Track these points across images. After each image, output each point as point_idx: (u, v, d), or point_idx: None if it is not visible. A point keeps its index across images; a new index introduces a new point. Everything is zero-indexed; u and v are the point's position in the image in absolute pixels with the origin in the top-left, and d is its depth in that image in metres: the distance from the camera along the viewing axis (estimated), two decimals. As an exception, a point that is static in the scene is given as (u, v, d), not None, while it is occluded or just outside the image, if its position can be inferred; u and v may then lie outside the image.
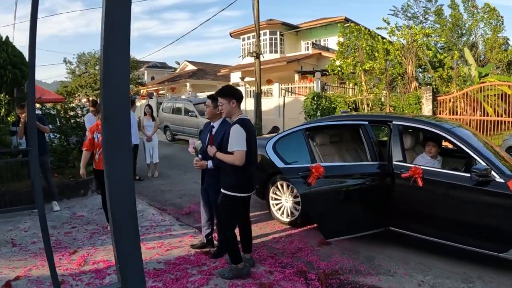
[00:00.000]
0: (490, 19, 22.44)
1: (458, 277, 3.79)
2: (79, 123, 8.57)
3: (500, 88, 12.71)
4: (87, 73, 31.67)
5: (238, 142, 3.52)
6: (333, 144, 5.62)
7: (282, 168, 4.66)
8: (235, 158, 3.53)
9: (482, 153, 4.08)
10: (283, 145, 4.86)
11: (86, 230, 5.09)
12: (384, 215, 4.49)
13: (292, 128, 5.27)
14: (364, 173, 4.59)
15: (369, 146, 4.71)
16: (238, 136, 3.54)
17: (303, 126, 5.11)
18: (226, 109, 3.73)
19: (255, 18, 13.98)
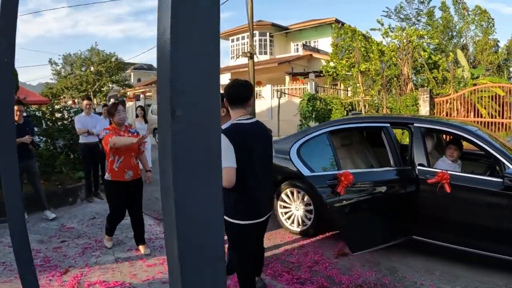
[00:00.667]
0: (481, 21, 22.58)
1: (486, 286, 3.62)
2: (66, 126, 8.03)
3: (493, 90, 12.79)
4: (73, 74, 30.93)
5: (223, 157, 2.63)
6: (344, 147, 5.27)
7: (308, 177, 4.18)
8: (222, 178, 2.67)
9: (510, 157, 3.84)
10: (307, 150, 4.46)
11: (77, 244, 4.56)
12: (408, 223, 4.16)
13: (313, 130, 4.88)
14: (390, 179, 4.21)
15: (392, 150, 4.35)
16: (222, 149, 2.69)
17: (326, 128, 4.68)
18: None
19: (249, 17, 13.59)
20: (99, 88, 29.93)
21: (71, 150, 7.83)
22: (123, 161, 4.11)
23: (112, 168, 4.14)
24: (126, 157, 4.13)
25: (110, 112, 4.30)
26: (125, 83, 32.39)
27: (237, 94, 2.83)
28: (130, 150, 4.15)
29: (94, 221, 5.44)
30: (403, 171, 4.21)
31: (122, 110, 4.20)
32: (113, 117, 4.22)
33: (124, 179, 4.11)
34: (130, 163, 4.16)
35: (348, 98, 15.03)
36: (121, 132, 4.16)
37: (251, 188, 2.78)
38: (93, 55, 30.83)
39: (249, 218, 2.80)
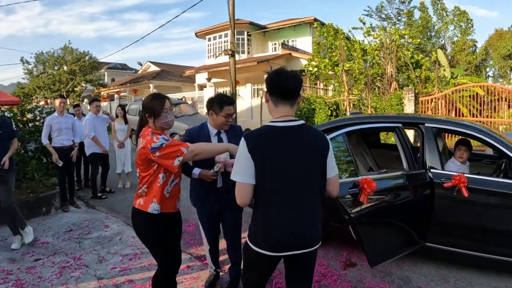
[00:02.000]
0: (460, 22, 22.94)
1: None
2: (38, 127, 7.42)
3: (473, 89, 13.07)
4: (46, 73, 29.84)
5: (235, 168, 2.15)
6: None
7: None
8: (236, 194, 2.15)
9: None
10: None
11: (54, 263, 3.99)
12: (422, 230, 3.86)
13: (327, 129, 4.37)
14: (405, 184, 3.85)
15: (405, 152, 4.01)
16: (237, 157, 2.17)
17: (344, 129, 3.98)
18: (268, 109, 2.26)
19: (230, 14, 13.17)
20: (73, 88, 28.99)
21: (43, 154, 7.24)
22: (178, 183, 2.75)
23: (162, 195, 2.61)
24: (179, 176, 2.77)
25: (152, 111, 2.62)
26: (99, 83, 31.50)
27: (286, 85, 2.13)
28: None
29: (71, 234, 4.91)
30: (418, 175, 3.88)
31: (169, 108, 2.67)
32: (155, 119, 2.62)
33: (175, 209, 2.77)
34: (180, 185, 2.80)
35: (332, 98, 14.84)
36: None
37: (276, 213, 2.12)
38: (66, 54, 29.89)
39: (262, 247, 2.15)
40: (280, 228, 2.11)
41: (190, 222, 5.42)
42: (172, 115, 2.69)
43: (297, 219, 2.12)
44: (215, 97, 3.20)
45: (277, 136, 2.11)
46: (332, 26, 17.04)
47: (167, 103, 2.63)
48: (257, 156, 2.06)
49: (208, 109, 3.19)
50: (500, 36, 25.54)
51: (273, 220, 2.12)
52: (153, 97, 2.67)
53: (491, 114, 12.72)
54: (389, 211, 3.65)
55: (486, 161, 5.19)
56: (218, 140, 3.19)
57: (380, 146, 6.07)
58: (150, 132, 2.54)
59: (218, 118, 3.12)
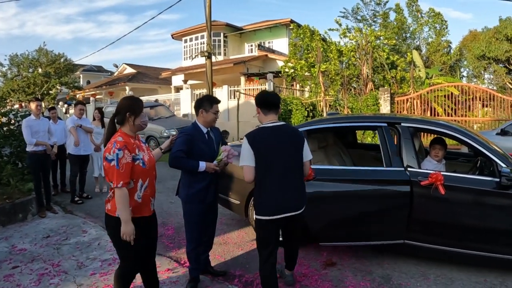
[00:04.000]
0: (434, 23, 23.44)
1: (482, 287, 3.58)
2: (13, 131, 7.25)
3: (447, 89, 13.32)
4: (20, 76, 29.11)
5: (242, 157, 3.10)
6: (321, 150, 5.02)
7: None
8: (243, 174, 3.13)
9: (500, 155, 3.77)
10: None
11: (32, 270, 3.90)
12: (399, 227, 3.92)
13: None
14: (382, 179, 3.98)
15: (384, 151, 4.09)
16: (242, 150, 3.12)
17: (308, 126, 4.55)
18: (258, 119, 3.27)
19: (207, 15, 13.11)
20: (47, 91, 28.36)
21: (19, 159, 7.07)
22: (149, 186, 2.81)
23: (132, 200, 2.68)
24: (152, 178, 2.87)
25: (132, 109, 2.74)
26: (75, 85, 30.92)
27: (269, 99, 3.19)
28: (154, 167, 2.90)
29: (48, 240, 4.82)
30: (396, 172, 3.95)
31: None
32: (136, 117, 2.74)
33: (150, 212, 2.85)
34: (154, 187, 2.91)
35: (308, 99, 14.95)
36: (137, 142, 2.80)
37: (270, 186, 3.02)
38: (41, 56, 29.26)
39: (267, 214, 3.03)
40: (275, 196, 3.03)
41: (169, 226, 5.39)
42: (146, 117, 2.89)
43: (288, 190, 3.06)
44: (204, 97, 3.61)
45: (268, 133, 3.08)
46: (308, 28, 17.17)
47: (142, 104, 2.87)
48: (255, 147, 3.01)
49: (198, 108, 3.51)
50: (474, 37, 26.19)
51: (271, 192, 3.03)
52: (132, 98, 2.91)
53: (466, 113, 12.98)
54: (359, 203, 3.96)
55: (462, 159, 5.32)
56: (208, 137, 3.53)
57: (357, 146, 6.16)
58: (114, 140, 2.64)
59: (209, 115, 3.47)
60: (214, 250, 4.46)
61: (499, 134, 8.88)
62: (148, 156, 2.83)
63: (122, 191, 2.57)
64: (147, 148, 2.94)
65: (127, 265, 2.80)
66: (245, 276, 3.82)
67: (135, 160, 2.68)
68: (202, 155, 3.41)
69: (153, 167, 2.88)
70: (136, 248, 2.68)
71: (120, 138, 2.65)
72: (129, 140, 2.70)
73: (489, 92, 12.77)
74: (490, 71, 25.57)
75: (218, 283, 3.62)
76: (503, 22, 23.25)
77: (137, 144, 2.77)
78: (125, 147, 2.61)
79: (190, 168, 3.39)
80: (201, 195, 3.47)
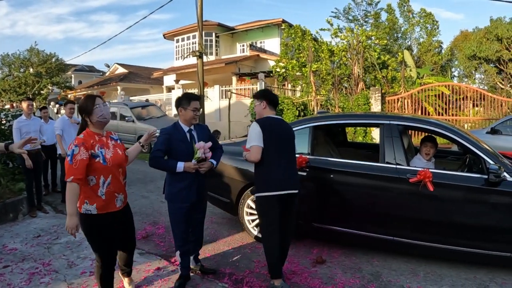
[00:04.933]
0: (426, 23, 23.60)
1: (472, 283, 3.61)
2: (3, 131, 7.20)
3: (438, 89, 13.43)
4: (11, 76, 28.91)
5: (251, 138, 3.44)
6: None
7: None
8: (250, 154, 3.45)
9: (489, 153, 3.82)
10: None
11: (23, 270, 3.88)
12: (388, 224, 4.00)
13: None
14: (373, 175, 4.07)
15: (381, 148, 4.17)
16: (252, 132, 3.45)
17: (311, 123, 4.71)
18: (257, 110, 3.68)
19: (198, 15, 13.09)
20: (39, 91, 28.19)
21: (9, 159, 7.03)
22: (112, 182, 2.87)
23: (96, 196, 2.80)
24: (115, 175, 2.90)
25: (84, 110, 2.84)
26: (66, 85, 30.78)
27: (275, 99, 3.71)
28: (119, 164, 2.94)
29: (39, 239, 4.79)
30: (387, 169, 4.02)
31: (102, 104, 2.86)
32: (90, 116, 2.82)
33: (116, 208, 2.92)
34: (121, 183, 2.97)
35: (300, 98, 14.99)
36: (103, 139, 2.90)
37: (273, 166, 3.41)
38: (32, 56, 29.09)
39: (272, 189, 3.39)
40: (280, 174, 3.41)
41: (160, 225, 5.39)
42: (106, 107, 2.90)
43: (290, 171, 3.51)
44: (182, 95, 3.60)
45: (275, 122, 3.53)
46: (299, 28, 17.22)
47: (98, 100, 2.87)
48: (266, 130, 3.41)
49: (177, 106, 3.52)
50: (465, 37, 26.39)
51: (278, 170, 3.42)
52: (85, 98, 2.94)
53: (457, 113, 13.11)
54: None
55: (452, 157, 5.37)
56: (190, 137, 3.48)
57: (347, 145, 6.20)
58: (76, 137, 2.82)
59: (187, 112, 3.45)
60: (204, 248, 4.48)
61: (489, 133, 8.98)
62: (112, 154, 2.88)
63: (71, 185, 2.66)
64: (118, 146, 3.00)
65: (99, 259, 2.92)
66: (235, 274, 3.83)
67: (95, 157, 2.77)
68: (181, 154, 3.39)
69: (119, 164, 2.93)
70: (106, 242, 2.86)
71: (82, 135, 2.80)
72: (90, 138, 2.81)
73: (479, 92, 12.89)
74: (481, 71, 25.79)
75: (208, 281, 3.62)
76: (493, 23, 23.45)
77: (102, 141, 2.87)
78: (82, 144, 2.71)
79: (168, 169, 3.40)
80: (183, 194, 3.43)
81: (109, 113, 2.94)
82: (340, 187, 4.23)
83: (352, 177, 4.15)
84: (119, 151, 2.97)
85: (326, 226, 4.29)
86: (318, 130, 4.76)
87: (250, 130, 3.49)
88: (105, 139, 2.91)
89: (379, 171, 4.04)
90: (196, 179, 3.46)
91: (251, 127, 3.50)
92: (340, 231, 4.22)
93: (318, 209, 4.31)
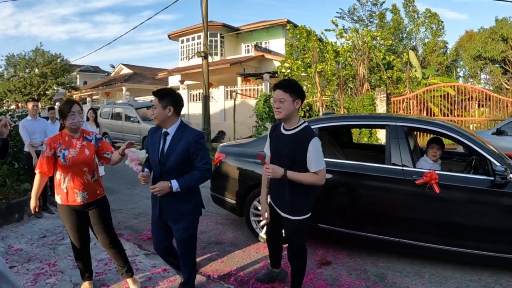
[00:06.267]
0: (431, 23, 23.52)
1: (477, 285, 3.60)
2: (10, 132, 7.22)
3: (444, 89, 13.34)
4: (16, 76, 29.08)
5: (321, 159, 2.93)
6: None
7: None
8: (322, 178, 2.96)
9: (495, 155, 3.80)
10: None
11: (28, 270, 3.89)
12: (394, 225, 3.98)
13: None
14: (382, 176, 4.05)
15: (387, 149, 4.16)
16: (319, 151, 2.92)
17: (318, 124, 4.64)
18: (288, 109, 2.94)
19: (203, 15, 13.12)
20: (44, 91, 28.33)
21: (15, 159, 7.06)
22: (71, 180, 3.12)
23: (60, 189, 3.16)
24: (76, 173, 3.14)
25: (61, 113, 3.13)
26: (71, 86, 30.92)
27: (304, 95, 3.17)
28: (82, 164, 3.14)
29: (44, 240, 4.81)
30: (392, 171, 4.00)
31: (77, 112, 3.11)
32: (64, 120, 3.13)
33: (77, 202, 3.15)
34: (82, 181, 3.14)
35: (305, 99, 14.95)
36: (72, 141, 3.17)
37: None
38: (37, 56, 29.23)
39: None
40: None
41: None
42: (79, 118, 3.12)
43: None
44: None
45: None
46: (304, 28, 17.18)
47: (75, 107, 3.12)
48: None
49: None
50: (470, 37, 26.25)
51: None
52: (64, 103, 3.21)
53: (462, 113, 13.04)
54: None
55: (457, 159, 5.34)
56: (164, 141, 2.99)
57: (353, 146, 6.18)
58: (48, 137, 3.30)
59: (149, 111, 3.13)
60: (210, 249, 4.49)
61: (495, 134, 8.91)
62: (76, 154, 3.13)
63: (37, 175, 3.20)
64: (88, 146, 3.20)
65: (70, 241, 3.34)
66: (241, 275, 3.83)
67: (57, 156, 3.12)
68: (151, 159, 3.05)
69: (82, 163, 3.14)
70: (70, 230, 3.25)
71: (54, 136, 3.26)
72: (59, 139, 3.18)
73: (485, 92, 12.81)
74: (486, 71, 25.66)
75: (214, 282, 3.62)
76: (499, 23, 23.33)
77: (70, 142, 3.16)
78: (49, 144, 3.14)
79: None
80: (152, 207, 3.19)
81: (80, 121, 3.15)
82: (345, 189, 4.22)
83: (358, 179, 4.13)
84: (87, 151, 3.18)
85: (332, 227, 4.27)
86: (323, 132, 4.73)
87: (317, 148, 2.90)
88: (76, 141, 3.18)
89: (385, 172, 4.02)
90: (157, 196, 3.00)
91: (315, 145, 2.89)
92: (345, 232, 4.21)
93: (324, 210, 4.29)
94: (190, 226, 3.08)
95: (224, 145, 5.39)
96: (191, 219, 3.08)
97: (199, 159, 2.94)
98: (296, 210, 3.05)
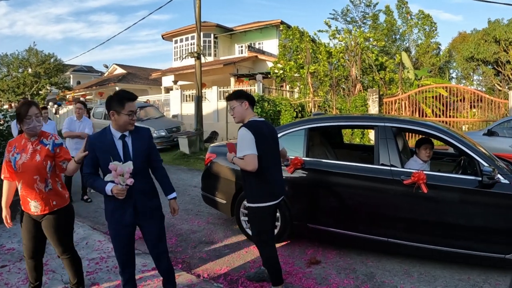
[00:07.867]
0: (424, 25, 23.69)
1: (465, 284, 3.61)
2: (2, 132, 7.21)
3: (436, 90, 13.45)
4: (10, 76, 28.91)
5: (245, 146, 3.19)
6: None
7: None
8: (246, 163, 3.18)
9: (484, 155, 3.83)
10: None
11: (20, 269, 3.91)
12: (382, 225, 4.03)
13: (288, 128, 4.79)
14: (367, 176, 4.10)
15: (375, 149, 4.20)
16: (244, 140, 3.20)
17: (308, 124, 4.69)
18: (239, 112, 3.35)
19: (196, 16, 13.12)
20: (37, 91, 28.21)
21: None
22: (23, 188, 2.89)
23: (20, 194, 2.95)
24: (26, 181, 2.88)
25: (17, 116, 2.84)
26: (64, 86, 30.81)
27: (254, 99, 3.48)
28: (31, 171, 2.84)
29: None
30: (381, 171, 4.05)
31: (34, 115, 2.81)
32: (21, 124, 2.85)
33: (30, 211, 2.93)
34: (34, 191, 2.87)
35: (297, 99, 15.02)
36: (27, 144, 2.90)
37: (271, 173, 3.32)
38: (31, 56, 29.11)
39: (267, 200, 3.26)
40: (275, 182, 3.34)
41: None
42: (35, 122, 2.82)
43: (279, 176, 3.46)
44: (113, 95, 2.81)
45: (262, 125, 3.32)
46: (298, 29, 17.27)
47: (32, 110, 2.82)
48: (257, 136, 3.18)
49: (108, 110, 2.78)
50: (463, 39, 26.44)
51: (273, 178, 3.33)
52: (22, 103, 2.91)
53: (454, 114, 13.10)
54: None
55: (447, 159, 5.40)
56: (123, 144, 2.77)
57: (343, 146, 6.23)
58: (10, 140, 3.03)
59: (121, 117, 2.71)
60: (200, 249, 4.52)
61: (486, 134, 8.99)
62: (26, 160, 2.85)
63: (4, 182, 3.01)
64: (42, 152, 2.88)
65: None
66: (230, 275, 3.86)
67: (10, 160, 2.90)
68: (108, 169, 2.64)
69: (31, 171, 2.83)
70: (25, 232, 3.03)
71: (13, 139, 3.02)
72: (16, 142, 2.95)
73: (477, 94, 12.90)
74: (478, 72, 25.82)
75: (204, 281, 3.65)
76: (491, 24, 23.52)
77: (24, 146, 2.90)
78: (7, 146, 2.94)
79: (99, 191, 2.74)
80: (117, 215, 2.79)
81: (37, 126, 2.85)
82: (334, 189, 4.26)
83: (347, 179, 4.18)
84: (38, 157, 2.85)
85: (321, 227, 4.32)
86: (313, 132, 4.78)
87: (241, 136, 3.21)
88: (30, 144, 2.89)
89: (373, 172, 4.06)
90: (130, 198, 2.75)
91: (240, 134, 3.21)
92: (334, 232, 4.25)
93: (313, 210, 4.34)
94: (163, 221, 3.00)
95: (215, 145, 5.42)
96: (161, 213, 2.98)
97: (155, 153, 3.00)
98: (247, 196, 3.37)
